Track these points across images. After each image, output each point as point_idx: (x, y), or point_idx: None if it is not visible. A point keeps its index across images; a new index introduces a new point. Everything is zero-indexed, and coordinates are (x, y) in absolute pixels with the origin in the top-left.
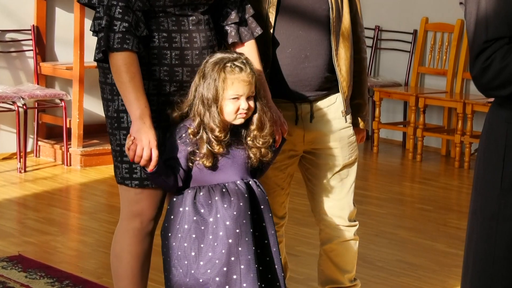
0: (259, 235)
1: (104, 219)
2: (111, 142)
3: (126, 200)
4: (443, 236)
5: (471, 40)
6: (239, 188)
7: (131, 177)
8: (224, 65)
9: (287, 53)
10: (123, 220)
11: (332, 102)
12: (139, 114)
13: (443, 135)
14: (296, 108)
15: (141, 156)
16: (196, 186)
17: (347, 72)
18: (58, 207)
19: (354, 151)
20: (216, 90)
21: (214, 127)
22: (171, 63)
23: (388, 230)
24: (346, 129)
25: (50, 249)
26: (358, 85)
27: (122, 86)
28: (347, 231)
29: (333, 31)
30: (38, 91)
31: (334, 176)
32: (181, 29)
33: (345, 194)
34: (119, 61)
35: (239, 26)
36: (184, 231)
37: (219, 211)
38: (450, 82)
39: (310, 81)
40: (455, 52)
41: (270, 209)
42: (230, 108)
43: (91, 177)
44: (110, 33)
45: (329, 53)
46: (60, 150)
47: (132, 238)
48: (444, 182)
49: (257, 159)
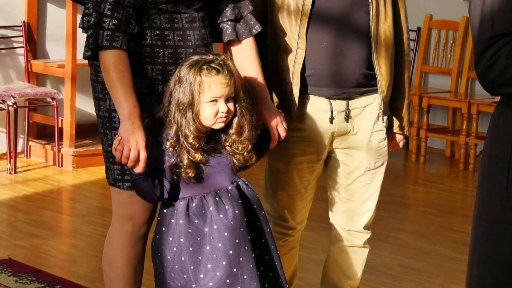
0: (255, 235)
1: (97, 222)
2: (103, 143)
3: (118, 203)
4: (447, 241)
5: (476, 36)
6: (232, 194)
7: (123, 179)
8: (200, 67)
9: (321, 47)
10: (115, 223)
11: (370, 102)
12: (127, 114)
13: (448, 136)
14: (331, 106)
15: (128, 157)
16: (188, 197)
17: (387, 71)
18: (49, 209)
19: (382, 157)
20: (191, 94)
21: (188, 134)
22: (164, 61)
23: (391, 234)
24: (377, 133)
25: (41, 252)
26: (398, 88)
27: (111, 85)
28: (357, 237)
29: (373, 28)
30: (29, 90)
31: (357, 179)
32: (174, 27)
33: (365, 200)
34: (108, 59)
35: (236, 23)
36: (180, 244)
37: (215, 221)
38: (454, 81)
39: (345, 77)
40: (460, 50)
41: (262, 206)
42: (209, 112)
43: (83, 178)
44: (99, 31)
45: (368, 50)
46: (52, 151)
47: (124, 242)
48: (449, 184)
49: (240, 163)
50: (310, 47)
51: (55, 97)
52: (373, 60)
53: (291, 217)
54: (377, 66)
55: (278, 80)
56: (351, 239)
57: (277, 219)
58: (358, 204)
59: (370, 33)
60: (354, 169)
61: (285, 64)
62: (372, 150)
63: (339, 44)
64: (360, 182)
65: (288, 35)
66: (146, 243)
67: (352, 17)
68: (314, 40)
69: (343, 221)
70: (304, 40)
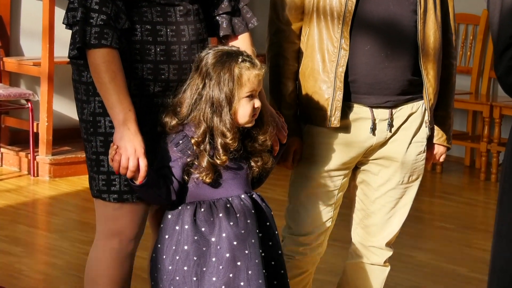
0: (265, 255)
1: (77, 238)
2: (86, 150)
3: (103, 217)
4: (466, 260)
5: (496, 35)
6: (245, 203)
7: (109, 190)
8: (235, 60)
9: (364, 50)
10: (100, 239)
11: (414, 111)
12: (122, 119)
13: (467, 142)
14: (372, 114)
15: (127, 167)
16: (196, 201)
17: (435, 77)
18: (23, 224)
19: (418, 171)
20: (230, 89)
21: (226, 132)
22: (155, 59)
23: (404, 252)
24: (416, 144)
25: (14, 272)
26: (443, 94)
27: (102, 87)
28: (377, 254)
29: (420, 29)
30: (1, 91)
31: (387, 193)
32: (167, 21)
33: (392, 215)
34: (98, 59)
35: (232, 16)
36: (183, 253)
37: (224, 229)
38: (475, 81)
39: (390, 83)
40: (481, 48)
41: (276, 226)
42: (246, 108)
43: (61, 189)
44: (86, 27)
45: (414, 53)
46: (26, 158)
47: (109, 260)
48: (468, 197)
49: (259, 167)
50: (352, 51)
51: (30, 99)
52: (420, 65)
53: (306, 227)
54: (424, 71)
55: (312, 82)
56: (371, 256)
57: (292, 235)
58: (384, 219)
59: (417, 34)
60: (385, 181)
61: (324, 65)
62: (407, 163)
63: (384, 47)
64: (390, 197)
65: (330, 33)
66: (133, 262)
67: (399, 16)
68: (357, 43)
69: (364, 235)
70: (348, 40)
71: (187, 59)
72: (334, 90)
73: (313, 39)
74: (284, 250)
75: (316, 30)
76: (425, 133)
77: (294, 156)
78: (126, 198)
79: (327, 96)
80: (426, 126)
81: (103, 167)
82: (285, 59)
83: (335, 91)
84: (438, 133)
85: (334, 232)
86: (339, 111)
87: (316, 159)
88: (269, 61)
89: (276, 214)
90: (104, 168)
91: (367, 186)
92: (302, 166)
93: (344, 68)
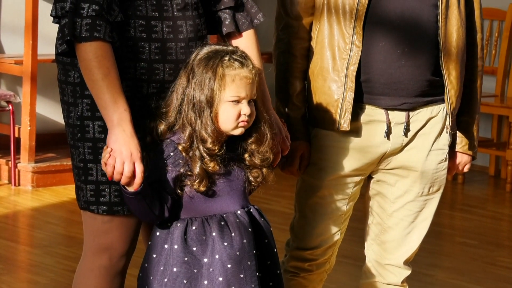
0: (262, 276)
1: (62, 254)
2: (73, 157)
3: (91, 231)
4: (490, 279)
5: None
6: (241, 220)
7: (97, 201)
8: (221, 58)
9: (379, 47)
10: (87, 255)
11: (434, 115)
12: (116, 120)
13: (492, 150)
14: (387, 117)
15: (121, 172)
16: (187, 218)
17: (457, 78)
18: (3, 238)
19: (439, 181)
20: (211, 90)
21: (206, 137)
22: (150, 58)
23: (422, 271)
24: (437, 152)
25: None
26: (468, 98)
27: (94, 85)
28: (394, 273)
29: (442, 25)
30: None
31: (405, 206)
32: (163, 16)
33: (411, 230)
34: (89, 53)
35: (235, 11)
36: (172, 275)
37: (217, 250)
38: (500, 83)
39: (407, 83)
40: (507, 46)
41: (275, 243)
42: (230, 113)
43: (45, 200)
44: (76, 19)
45: (434, 52)
46: (6, 166)
47: (98, 278)
48: (493, 210)
49: (258, 183)
50: (365, 48)
51: (11, 101)
52: (441, 64)
53: (312, 240)
54: (445, 71)
55: (321, 81)
56: (387, 275)
57: (296, 249)
58: (403, 234)
59: (438, 31)
60: (404, 193)
61: (335, 63)
62: (427, 172)
63: (400, 44)
64: (409, 210)
65: (341, 28)
66: (124, 281)
67: (417, 10)
68: (371, 39)
69: (380, 252)
70: (360, 36)
71: (184, 58)
72: (345, 90)
73: (323, 34)
74: (288, 266)
75: (326, 25)
76: (446, 140)
77: (301, 161)
78: (116, 210)
79: (337, 97)
80: (447, 132)
81: (91, 176)
82: (293, 56)
83: (346, 92)
84: (462, 140)
85: (344, 248)
86: (349, 114)
87: (324, 164)
88: (275, 58)
89: (281, 228)
90: (93, 177)
91: (383, 198)
92: (309, 172)
93: (356, 67)
